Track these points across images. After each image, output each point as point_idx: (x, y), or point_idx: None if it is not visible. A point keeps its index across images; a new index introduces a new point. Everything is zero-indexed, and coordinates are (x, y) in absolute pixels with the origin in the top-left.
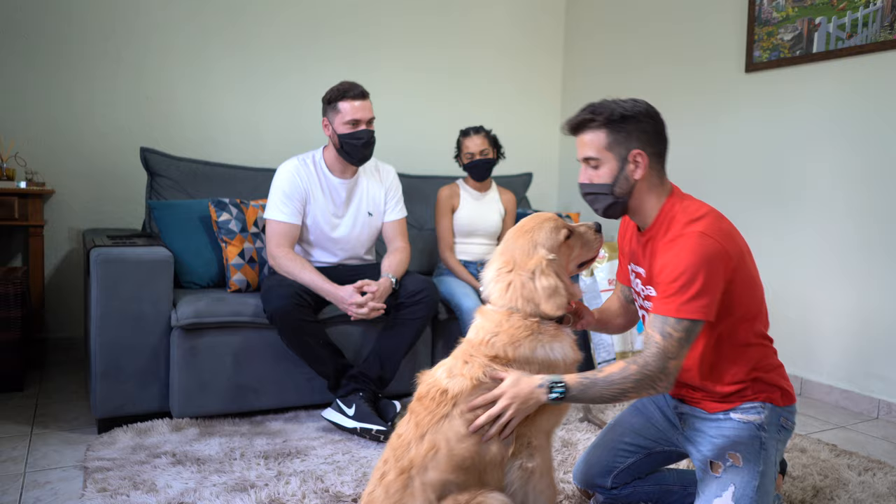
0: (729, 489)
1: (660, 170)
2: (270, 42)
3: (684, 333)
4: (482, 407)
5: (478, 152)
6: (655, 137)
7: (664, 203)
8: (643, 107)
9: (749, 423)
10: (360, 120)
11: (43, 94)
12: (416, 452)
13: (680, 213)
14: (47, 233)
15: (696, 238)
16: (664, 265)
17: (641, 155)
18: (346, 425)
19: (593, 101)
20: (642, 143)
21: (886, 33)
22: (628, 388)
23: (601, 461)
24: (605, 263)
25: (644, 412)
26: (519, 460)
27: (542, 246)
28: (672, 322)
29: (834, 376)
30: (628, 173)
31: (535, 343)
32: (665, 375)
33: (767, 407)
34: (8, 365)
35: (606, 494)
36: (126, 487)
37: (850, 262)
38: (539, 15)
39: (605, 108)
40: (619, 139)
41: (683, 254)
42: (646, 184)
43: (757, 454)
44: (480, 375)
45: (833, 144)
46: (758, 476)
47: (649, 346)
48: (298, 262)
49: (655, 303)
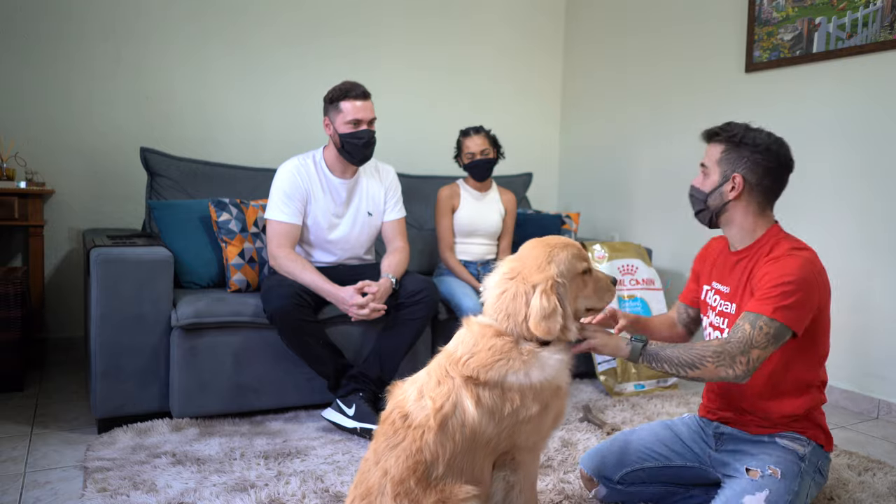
0: (764, 492)
1: (762, 201)
2: (271, 41)
3: (773, 332)
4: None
5: (478, 152)
6: (764, 172)
7: (769, 229)
8: (767, 141)
9: (793, 450)
10: (362, 120)
11: (43, 93)
12: (374, 479)
13: (786, 241)
14: (47, 233)
15: (803, 260)
16: (767, 273)
17: (741, 179)
18: (346, 425)
19: (736, 121)
20: (748, 170)
21: (886, 33)
22: (707, 356)
23: (618, 456)
24: (605, 264)
25: (674, 429)
26: (503, 472)
27: (557, 265)
28: (765, 319)
29: (834, 376)
30: (725, 190)
31: (504, 369)
32: (745, 359)
33: (812, 444)
34: (8, 365)
35: (610, 487)
36: (126, 487)
37: (850, 262)
38: (539, 15)
39: (734, 128)
40: (730, 158)
41: (790, 268)
42: (742, 207)
43: (794, 477)
44: (448, 405)
45: (833, 144)
46: (792, 494)
47: (735, 333)
48: (299, 263)
49: (752, 303)
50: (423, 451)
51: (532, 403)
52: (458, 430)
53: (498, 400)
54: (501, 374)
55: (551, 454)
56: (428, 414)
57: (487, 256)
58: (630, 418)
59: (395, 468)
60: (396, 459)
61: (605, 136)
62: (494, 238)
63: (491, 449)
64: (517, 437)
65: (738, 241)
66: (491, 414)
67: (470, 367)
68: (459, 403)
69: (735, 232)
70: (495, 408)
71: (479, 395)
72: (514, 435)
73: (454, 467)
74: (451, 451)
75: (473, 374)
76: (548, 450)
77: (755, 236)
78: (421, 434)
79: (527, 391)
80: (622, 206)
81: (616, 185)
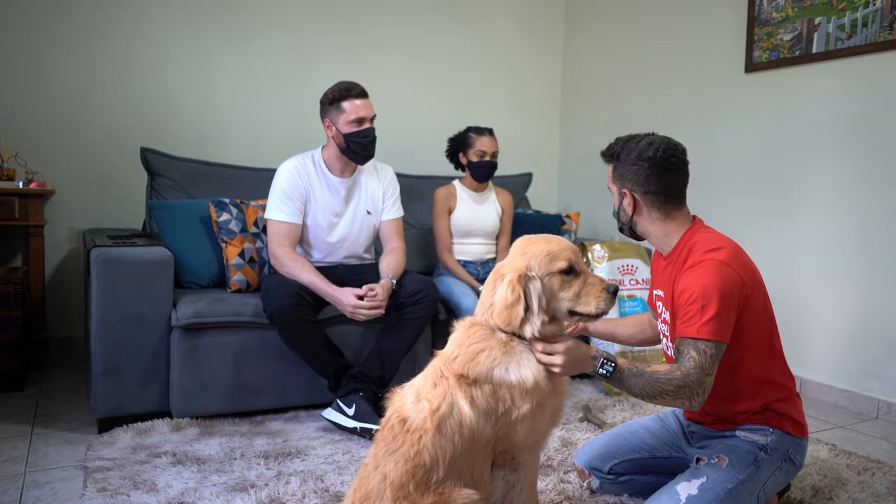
0: (700, 479)
1: (660, 206)
2: (271, 41)
3: (713, 352)
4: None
5: (490, 153)
6: (646, 179)
7: (684, 233)
8: (639, 148)
9: (752, 441)
10: (365, 118)
11: (43, 94)
12: (373, 484)
13: (700, 243)
14: (47, 233)
15: (716, 264)
16: (683, 289)
17: (629, 194)
18: (346, 425)
19: (621, 136)
20: (633, 182)
21: (886, 33)
22: (668, 391)
23: (606, 447)
24: (605, 264)
25: (663, 419)
26: (502, 471)
27: (528, 258)
28: (704, 342)
29: (834, 376)
30: (624, 206)
31: (489, 362)
32: (702, 390)
33: (776, 433)
34: (8, 365)
35: (602, 478)
36: (126, 487)
37: (850, 262)
38: (539, 16)
39: (615, 145)
40: (617, 176)
41: (703, 278)
42: (644, 218)
43: (745, 466)
44: (444, 405)
45: (833, 144)
46: (735, 482)
47: (687, 360)
48: (299, 263)
49: (679, 326)
50: (421, 454)
51: (523, 402)
52: (455, 431)
53: (491, 399)
54: (487, 367)
55: (551, 454)
56: (425, 417)
57: (486, 256)
58: (630, 418)
59: (394, 473)
60: (395, 464)
61: (605, 136)
62: (493, 238)
63: (490, 449)
64: (515, 436)
65: (661, 248)
66: (486, 414)
67: (459, 364)
68: (455, 404)
69: (654, 241)
70: (490, 408)
71: (473, 395)
72: (512, 434)
73: (454, 470)
74: (450, 454)
75: (463, 371)
76: (548, 449)
77: (671, 242)
78: (419, 437)
79: (515, 388)
80: None
81: None
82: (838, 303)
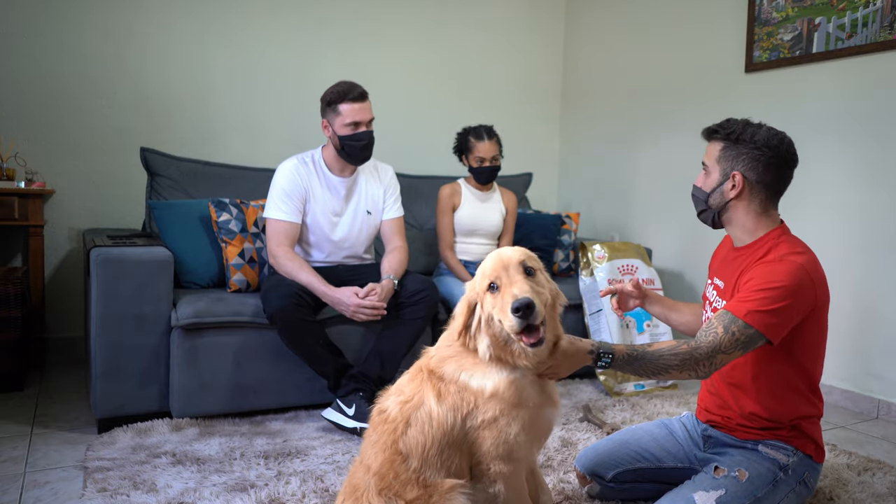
0: (719, 490)
1: (763, 199)
2: (270, 41)
3: (745, 339)
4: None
5: (489, 158)
6: (764, 168)
7: (772, 230)
8: (766, 136)
9: (773, 459)
10: (361, 122)
11: (43, 94)
12: (359, 476)
13: (785, 244)
14: (47, 233)
15: (796, 266)
16: (755, 276)
17: (741, 177)
18: (346, 425)
19: (734, 118)
20: (747, 167)
21: (886, 33)
22: (673, 365)
23: (611, 455)
24: (605, 264)
25: (669, 427)
26: (480, 483)
27: (477, 276)
28: (740, 324)
29: (834, 376)
30: (725, 189)
31: (457, 366)
32: (710, 363)
33: (798, 454)
34: (8, 365)
35: (603, 485)
36: (126, 487)
37: (850, 262)
38: (540, 15)
39: (733, 125)
40: (729, 156)
41: (779, 274)
42: (743, 205)
43: (764, 484)
44: (416, 398)
45: (833, 144)
46: (752, 499)
47: (707, 334)
48: (297, 263)
49: (731, 302)
50: (397, 443)
51: (485, 407)
52: (426, 421)
53: (457, 397)
54: (454, 370)
55: (551, 454)
56: (399, 408)
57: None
58: (630, 418)
59: (375, 463)
60: (375, 455)
61: (605, 136)
62: (495, 238)
63: (466, 450)
64: (483, 443)
65: (740, 239)
66: (453, 410)
67: (434, 361)
68: (425, 397)
69: (737, 231)
70: (455, 404)
71: (441, 390)
72: (480, 440)
73: (430, 461)
74: (422, 445)
75: (436, 369)
76: (547, 449)
77: (756, 236)
78: (394, 427)
79: (478, 393)
80: (622, 206)
81: (616, 185)
82: (839, 303)
